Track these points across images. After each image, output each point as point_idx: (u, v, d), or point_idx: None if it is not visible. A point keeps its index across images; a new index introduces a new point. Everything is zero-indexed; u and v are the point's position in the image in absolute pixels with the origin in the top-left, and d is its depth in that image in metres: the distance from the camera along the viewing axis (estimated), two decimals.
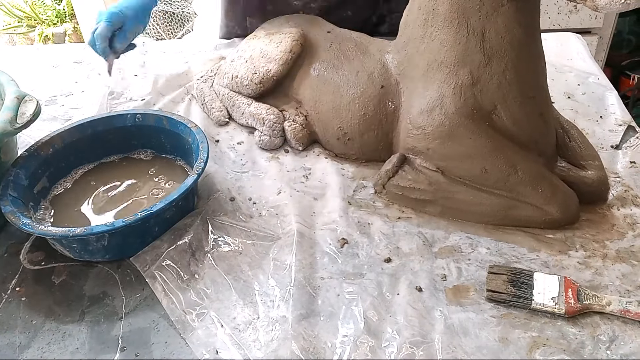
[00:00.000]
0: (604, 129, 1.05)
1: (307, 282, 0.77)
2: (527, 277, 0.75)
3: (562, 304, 0.72)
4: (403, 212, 0.89)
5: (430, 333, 0.71)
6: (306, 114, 1.03)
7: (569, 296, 0.72)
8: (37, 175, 0.89)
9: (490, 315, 0.73)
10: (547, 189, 0.82)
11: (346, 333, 0.71)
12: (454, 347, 0.69)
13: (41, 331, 0.74)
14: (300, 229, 0.85)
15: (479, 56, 0.81)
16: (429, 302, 0.75)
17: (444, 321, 0.72)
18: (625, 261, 0.79)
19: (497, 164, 0.83)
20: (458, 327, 0.71)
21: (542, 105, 0.86)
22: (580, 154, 0.90)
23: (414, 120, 0.88)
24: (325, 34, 1.08)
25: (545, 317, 0.72)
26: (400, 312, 0.73)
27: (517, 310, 0.73)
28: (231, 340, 0.71)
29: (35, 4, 2.67)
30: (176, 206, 0.83)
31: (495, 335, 0.70)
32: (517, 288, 0.74)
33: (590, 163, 0.88)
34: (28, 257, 0.84)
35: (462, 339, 0.70)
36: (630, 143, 1.00)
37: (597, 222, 0.86)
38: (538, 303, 0.72)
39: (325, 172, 0.98)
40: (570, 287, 0.73)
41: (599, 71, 1.22)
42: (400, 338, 0.70)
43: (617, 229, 0.84)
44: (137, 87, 1.22)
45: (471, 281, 0.77)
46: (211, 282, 0.78)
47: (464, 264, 0.80)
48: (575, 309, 0.71)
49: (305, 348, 0.69)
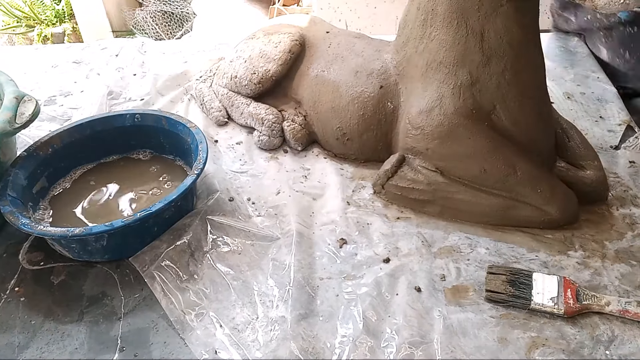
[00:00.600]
0: (603, 129, 1.05)
1: (306, 282, 0.77)
2: (526, 277, 0.75)
3: (561, 304, 0.72)
4: (402, 212, 0.89)
5: (429, 333, 0.71)
6: (305, 114, 1.03)
7: (568, 296, 0.72)
8: (36, 176, 0.89)
9: (489, 315, 0.73)
10: (546, 189, 0.82)
11: (345, 333, 0.71)
12: (453, 347, 0.69)
13: (40, 331, 0.74)
14: (299, 229, 0.85)
15: (478, 56, 0.81)
16: (428, 303, 0.74)
17: (442, 321, 0.72)
18: (625, 261, 0.79)
19: (496, 164, 0.83)
20: (457, 327, 0.71)
21: (541, 105, 0.86)
22: (579, 154, 0.90)
23: (413, 120, 0.88)
24: (324, 34, 1.08)
25: (545, 317, 0.72)
26: (399, 313, 0.73)
27: (516, 311, 0.73)
28: (230, 340, 0.71)
29: (34, 4, 2.67)
30: (175, 206, 0.83)
31: (494, 336, 0.70)
32: (516, 288, 0.74)
33: (590, 163, 0.88)
34: (27, 257, 0.84)
35: (461, 339, 0.70)
36: (629, 143, 1.00)
37: (596, 222, 0.86)
38: (537, 303, 0.72)
39: (324, 172, 0.98)
40: (570, 287, 0.73)
41: (599, 70, 1.22)
42: (399, 338, 0.70)
43: (616, 229, 0.84)
44: (136, 87, 1.22)
45: (470, 281, 0.77)
46: (210, 282, 0.78)
47: (463, 264, 0.80)
48: (574, 309, 0.71)
49: (304, 348, 0.69)
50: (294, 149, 1.03)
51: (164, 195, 0.87)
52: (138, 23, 2.29)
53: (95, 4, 2.45)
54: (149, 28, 2.25)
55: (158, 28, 2.25)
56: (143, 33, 2.29)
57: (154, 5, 2.24)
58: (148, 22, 2.22)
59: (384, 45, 1.00)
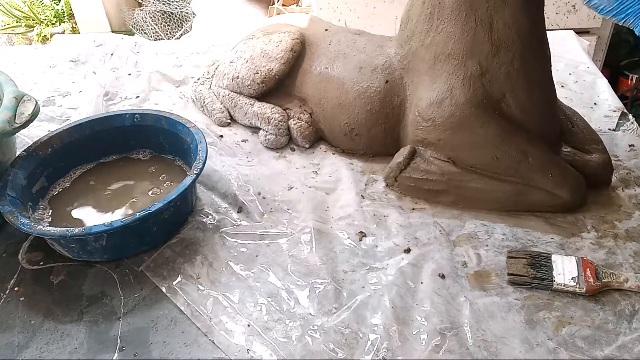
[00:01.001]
0: (600, 115, 1.08)
1: (330, 277, 0.78)
2: (546, 260, 0.77)
3: (582, 283, 0.74)
4: (416, 203, 0.90)
5: (458, 318, 0.72)
6: (311, 112, 1.04)
7: (588, 275, 0.74)
8: (36, 175, 0.89)
9: (514, 298, 0.74)
10: (557, 174, 0.85)
11: (376, 323, 0.72)
12: (483, 331, 0.70)
13: (40, 331, 0.73)
14: (316, 225, 0.86)
15: (487, 47, 0.83)
16: (452, 289, 0.76)
17: (469, 306, 0.73)
18: (636, 240, 0.82)
19: (508, 151, 0.85)
20: (484, 312, 0.73)
21: (548, 92, 0.88)
22: (583, 139, 0.92)
23: (423, 112, 0.89)
24: (323, 31, 1.08)
25: (567, 297, 0.74)
26: (426, 300, 0.74)
27: (539, 292, 0.75)
28: (262, 339, 0.71)
29: (33, 4, 2.65)
30: (175, 206, 0.83)
31: (521, 317, 0.72)
32: (537, 270, 0.76)
33: (594, 147, 0.91)
34: (26, 257, 0.83)
35: (490, 323, 0.71)
36: (627, 127, 1.03)
37: (604, 203, 0.88)
38: (559, 284, 0.74)
39: (335, 167, 0.98)
40: (588, 266, 0.75)
41: (589, 60, 1.26)
42: (430, 325, 0.71)
43: (624, 210, 0.87)
44: (132, 86, 1.22)
45: (491, 266, 0.79)
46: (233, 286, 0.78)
47: (483, 250, 0.81)
48: (595, 287, 0.74)
49: (337, 341, 0.70)
50: (301, 146, 1.04)
51: (164, 195, 0.87)
52: (137, 23, 2.27)
53: (94, 4, 2.44)
54: (148, 28, 2.24)
55: (157, 28, 2.23)
56: (142, 33, 2.27)
57: (154, 5, 2.23)
58: (147, 22, 2.21)
59: (385, 40, 1.01)
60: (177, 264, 0.81)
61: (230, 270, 0.80)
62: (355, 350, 0.69)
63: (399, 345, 0.69)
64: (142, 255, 0.82)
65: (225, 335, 0.71)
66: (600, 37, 1.94)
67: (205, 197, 0.92)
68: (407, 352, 0.68)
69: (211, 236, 0.85)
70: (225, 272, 0.80)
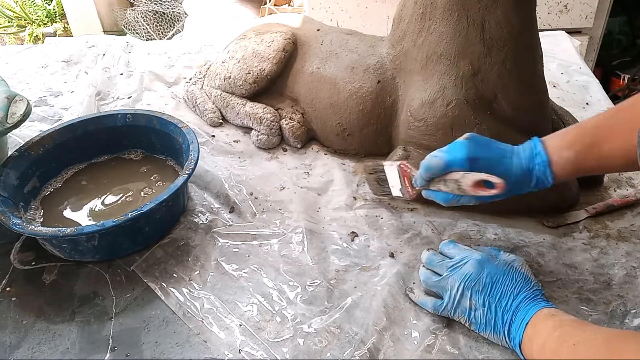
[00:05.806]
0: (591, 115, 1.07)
1: (322, 277, 0.78)
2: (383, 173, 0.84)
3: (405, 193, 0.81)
4: (409, 203, 0.90)
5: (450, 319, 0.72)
6: (303, 112, 1.03)
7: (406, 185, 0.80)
8: (28, 175, 0.88)
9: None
10: None
11: (368, 322, 0.71)
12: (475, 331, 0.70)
13: (31, 331, 0.73)
14: (307, 225, 0.86)
15: (479, 47, 0.83)
16: None
17: None
18: (628, 240, 0.82)
19: None
20: None
21: (540, 92, 0.88)
22: None
23: (415, 112, 0.89)
24: (315, 31, 1.08)
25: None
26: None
27: None
28: (253, 339, 0.70)
29: (25, 4, 2.65)
30: (166, 206, 0.82)
31: None
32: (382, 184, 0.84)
33: None
34: (18, 257, 0.83)
35: None
36: None
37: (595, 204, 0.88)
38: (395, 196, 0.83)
39: (327, 167, 0.98)
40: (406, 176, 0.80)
41: (581, 60, 1.26)
42: (422, 324, 0.71)
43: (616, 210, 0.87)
44: (124, 86, 1.21)
45: None
46: (225, 287, 0.78)
47: None
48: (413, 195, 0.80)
49: (330, 341, 0.69)
50: (293, 146, 1.04)
51: (155, 195, 0.87)
52: (129, 23, 2.27)
53: (86, 3, 2.44)
54: (140, 28, 2.24)
55: (149, 28, 2.23)
56: (134, 33, 2.27)
57: (145, 5, 2.23)
58: (139, 21, 2.21)
59: (377, 40, 1.01)
60: (169, 264, 0.81)
61: (222, 270, 0.80)
62: (347, 350, 0.69)
63: (391, 346, 0.69)
64: (134, 256, 0.82)
65: (217, 335, 0.71)
66: (592, 37, 1.95)
67: (197, 197, 0.92)
68: (399, 352, 0.68)
69: (203, 236, 0.85)
70: (217, 272, 0.80)
